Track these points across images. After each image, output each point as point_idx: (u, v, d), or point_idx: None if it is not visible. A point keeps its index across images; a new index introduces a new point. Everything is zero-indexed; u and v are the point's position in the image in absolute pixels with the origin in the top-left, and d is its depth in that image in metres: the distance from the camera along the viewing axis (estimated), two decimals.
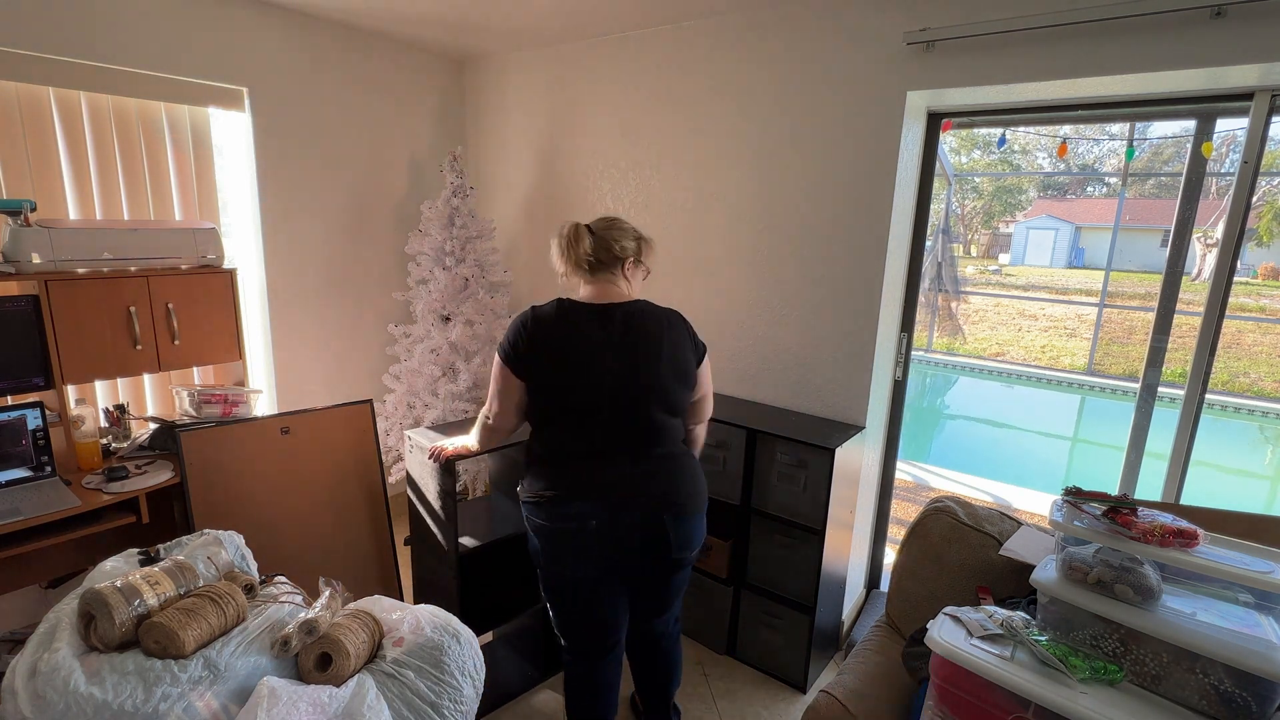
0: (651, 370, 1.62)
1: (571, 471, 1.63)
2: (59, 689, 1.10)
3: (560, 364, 1.60)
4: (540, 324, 1.62)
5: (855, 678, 1.65)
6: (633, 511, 1.61)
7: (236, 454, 2.13)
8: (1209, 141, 2.00)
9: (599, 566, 1.66)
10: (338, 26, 2.91)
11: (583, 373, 1.59)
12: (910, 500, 4.54)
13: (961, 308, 12.17)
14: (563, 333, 1.61)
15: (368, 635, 1.35)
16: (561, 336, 1.61)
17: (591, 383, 1.59)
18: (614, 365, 1.60)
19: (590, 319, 1.63)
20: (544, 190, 3.27)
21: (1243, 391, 9.08)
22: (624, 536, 1.62)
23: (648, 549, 1.65)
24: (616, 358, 1.60)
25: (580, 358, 1.59)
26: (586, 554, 1.63)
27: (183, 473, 2.02)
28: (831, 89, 2.34)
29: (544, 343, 1.61)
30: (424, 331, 3.04)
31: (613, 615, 1.76)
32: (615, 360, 1.60)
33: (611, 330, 1.62)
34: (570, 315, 1.63)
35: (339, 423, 2.35)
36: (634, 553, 1.65)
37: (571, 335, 1.61)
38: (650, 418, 1.64)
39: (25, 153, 2.19)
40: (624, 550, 1.64)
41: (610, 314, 1.64)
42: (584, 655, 1.80)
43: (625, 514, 1.61)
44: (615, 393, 1.60)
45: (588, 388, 1.59)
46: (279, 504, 2.21)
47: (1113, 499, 1.38)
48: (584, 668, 1.81)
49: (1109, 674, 1.24)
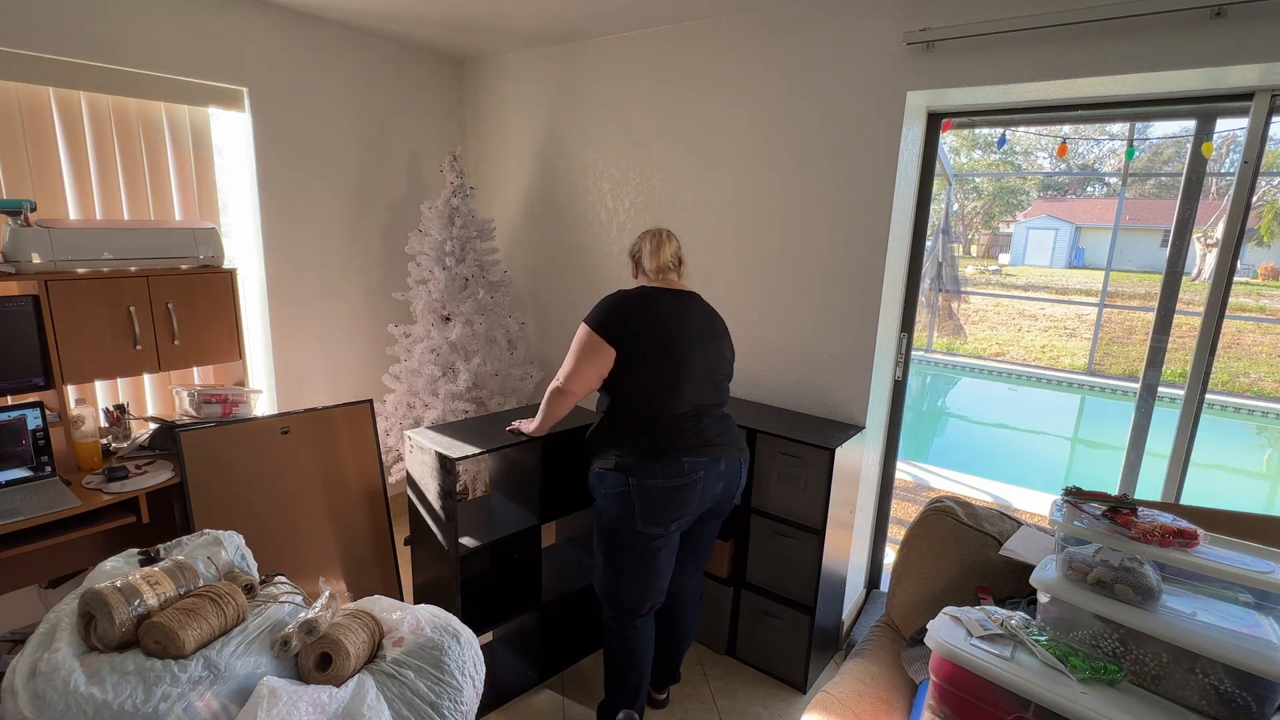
0: (721, 343, 1.94)
1: (674, 431, 1.81)
2: (59, 689, 1.09)
3: (658, 336, 1.81)
4: (635, 302, 1.85)
5: (855, 678, 1.65)
6: (725, 461, 1.85)
7: (236, 454, 2.13)
8: (1209, 141, 2.00)
9: (687, 519, 1.84)
10: (338, 26, 2.91)
11: (677, 344, 1.82)
12: (910, 500, 4.54)
13: (962, 308, 12.17)
14: (657, 311, 1.84)
15: (368, 635, 1.35)
16: (657, 314, 1.84)
17: (684, 353, 1.82)
18: (700, 338, 1.86)
19: (675, 302, 1.88)
20: (544, 190, 3.27)
21: (1243, 391, 9.08)
22: (716, 484, 1.85)
23: (724, 494, 1.89)
24: (700, 333, 1.87)
25: (672, 332, 1.83)
26: (685, 507, 1.81)
27: (183, 473, 2.02)
28: (831, 89, 2.34)
29: (640, 318, 1.82)
30: (424, 331, 3.04)
31: (668, 574, 1.94)
32: (700, 334, 1.87)
33: (692, 311, 1.89)
34: (660, 299, 1.87)
35: (339, 423, 2.35)
36: (716, 499, 1.88)
37: (664, 314, 1.85)
38: (718, 383, 1.92)
39: (25, 153, 2.19)
40: (712, 498, 1.86)
41: (687, 299, 1.91)
42: (636, 615, 1.91)
43: (719, 464, 1.84)
44: (703, 361, 1.86)
45: (683, 357, 1.82)
46: (279, 504, 2.21)
47: (1113, 499, 1.38)
48: (633, 630, 1.92)
49: (1109, 674, 1.24)
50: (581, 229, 3.14)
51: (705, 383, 1.87)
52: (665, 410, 1.81)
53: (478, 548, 2.10)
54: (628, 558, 1.86)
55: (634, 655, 1.94)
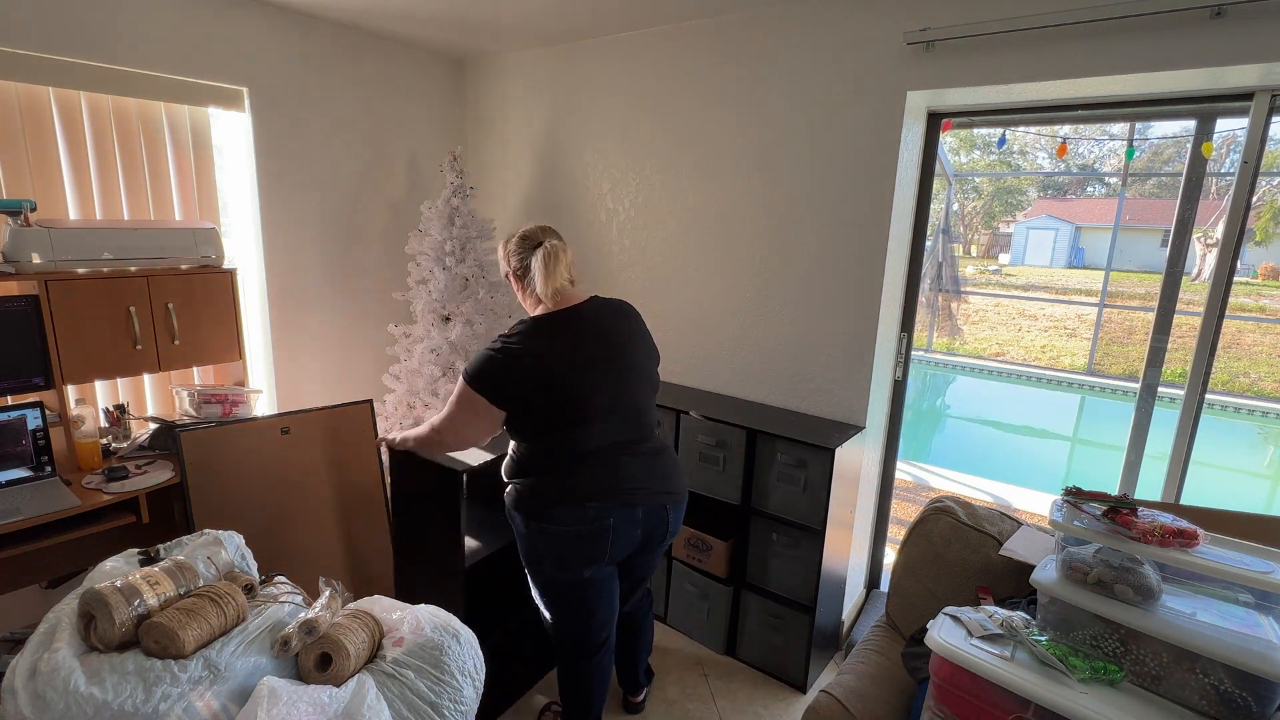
0: (636, 353, 1.72)
1: (582, 473, 1.64)
2: (59, 689, 1.09)
3: (552, 382, 1.60)
4: (519, 351, 1.61)
5: (855, 678, 1.65)
6: (642, 507, 1.69)
7: (236, 454, 2.13)
8: (1209, 141, 2.00)
9: (609, 563, 1.71)
10: (338, 26, 2.91)
11: (576, 385, 1.61)
12: (910, 500, 4.54)
13: (961, 307, 12.17)
14: (550, 351, 1.62)
15: (368, 635, 1.35)
16: (549, 355, 1.61)
17: (588, 392, 1.62)
18: (606, 364, 1.65)
19: (573, 327, 1.66)
20: (544, 190, 3.27)
21: (1243, 391, 9.07)
22: (633, 531, 1.70)
23: (648, 538, 1.76)
24: (606, 356, 1.66)
25: (568, 373, 1.61)
26: (596, 553, 1.68)
27: (183, 472, 2.02)
28: (832, 88, 2.34)
29: (526, 368, 1.60)
30: (424, 331, 3.04)
31: (612, 608, 1.82)
32: (607, 358, 1.66)
33: (596, 328, 1.68)
34: (555, 334, 1.64)
35: (339, 423, 2.35)
36: (637, 544, 1.75)
37: (561, 352, 1.62)
38: (639, 413, 1.71)
39: (25, 153, 2.19)
40: (631, 544, 1.73)
41: (586, 315, 1.69)
42: (586, 653, 1.82)
43: (636, 510, 1.69)
44: (613, 391, 1.65)
45: (586, 397, 1.61)
46: (279, 504, 2.20)
47: (1113, 499, 1.38)
48: (582, 664, 1.83)
49: (1109, 674, 1.24)
50: (581, 229, 3.14)
51: (619, 416, 1.66)
52: (572, 451, 1.63)
53: (479, 549, 2.10)
54: (556, 597, 1.76)
55: (586, 694, 1.85)
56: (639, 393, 1.71)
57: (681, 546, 2.56)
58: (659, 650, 2.50)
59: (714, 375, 2.81)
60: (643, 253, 2.94)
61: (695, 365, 2.86)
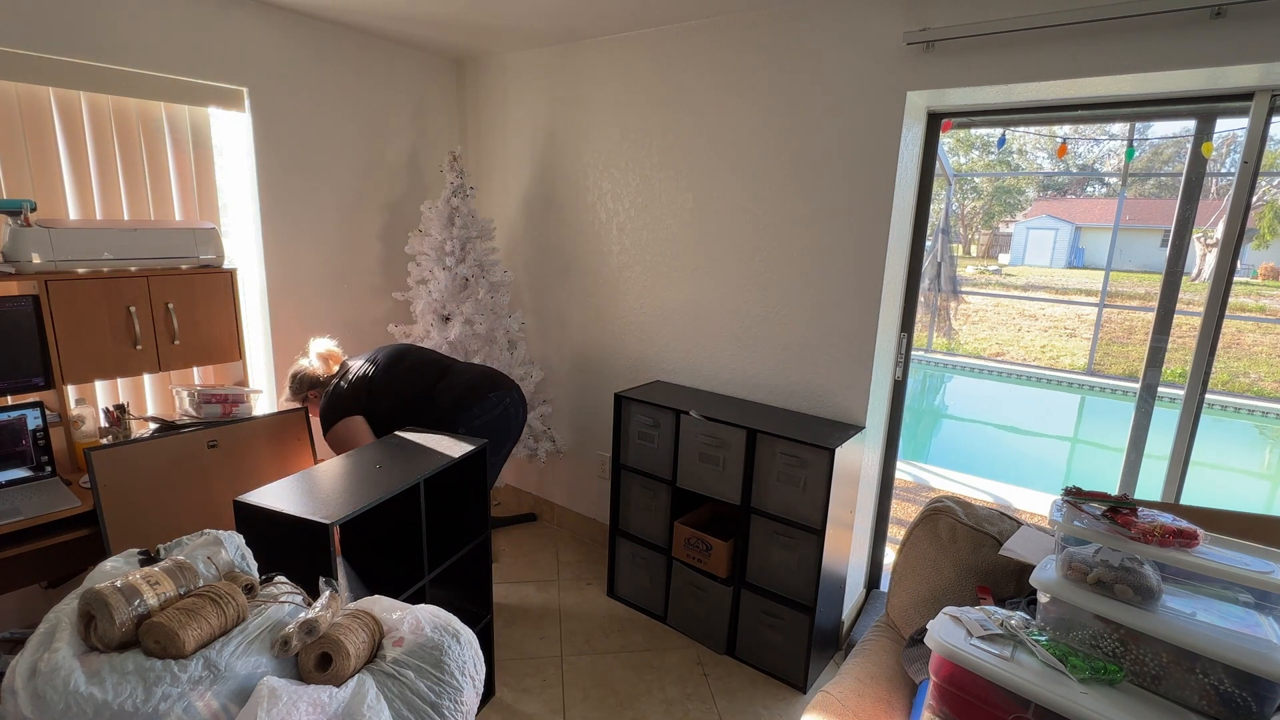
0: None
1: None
2: (59, 689, 1.09)
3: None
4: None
5: (855, 678, 1.65)
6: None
7: (156, 471, 2.00)
8: (1209, 141, 2.00)
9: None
10: (337, 26, 2.91)
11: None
12: (910, 500, 4.54)
13: (960, 308, 12.17)
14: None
15: (368, 635, 1.35)
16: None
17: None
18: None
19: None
20: (544, 190, 3.27)
21: (1243, 391, 9.08)
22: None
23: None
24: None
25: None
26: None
27: (95, 494, 1.91)
28: (831, 89, 2.34)
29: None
30: (424, 331, 3.04)
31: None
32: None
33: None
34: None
35: (272, 432, 2.29)
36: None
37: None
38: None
39: (25, 153, 2.19)
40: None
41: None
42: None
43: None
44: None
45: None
46: (207, 522, 2.13)
47: (1113, 499, 1.38)
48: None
49: (1109, 674, 1.24)
50: (581, 229, 3.14)
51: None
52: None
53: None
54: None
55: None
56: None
57: (681, 546, 2.56)
58: (659, 650, 2.51)
59: (714, 375, 2.81)
60: (643, 252, 2.94)
61: (695, 365, 2.86)
